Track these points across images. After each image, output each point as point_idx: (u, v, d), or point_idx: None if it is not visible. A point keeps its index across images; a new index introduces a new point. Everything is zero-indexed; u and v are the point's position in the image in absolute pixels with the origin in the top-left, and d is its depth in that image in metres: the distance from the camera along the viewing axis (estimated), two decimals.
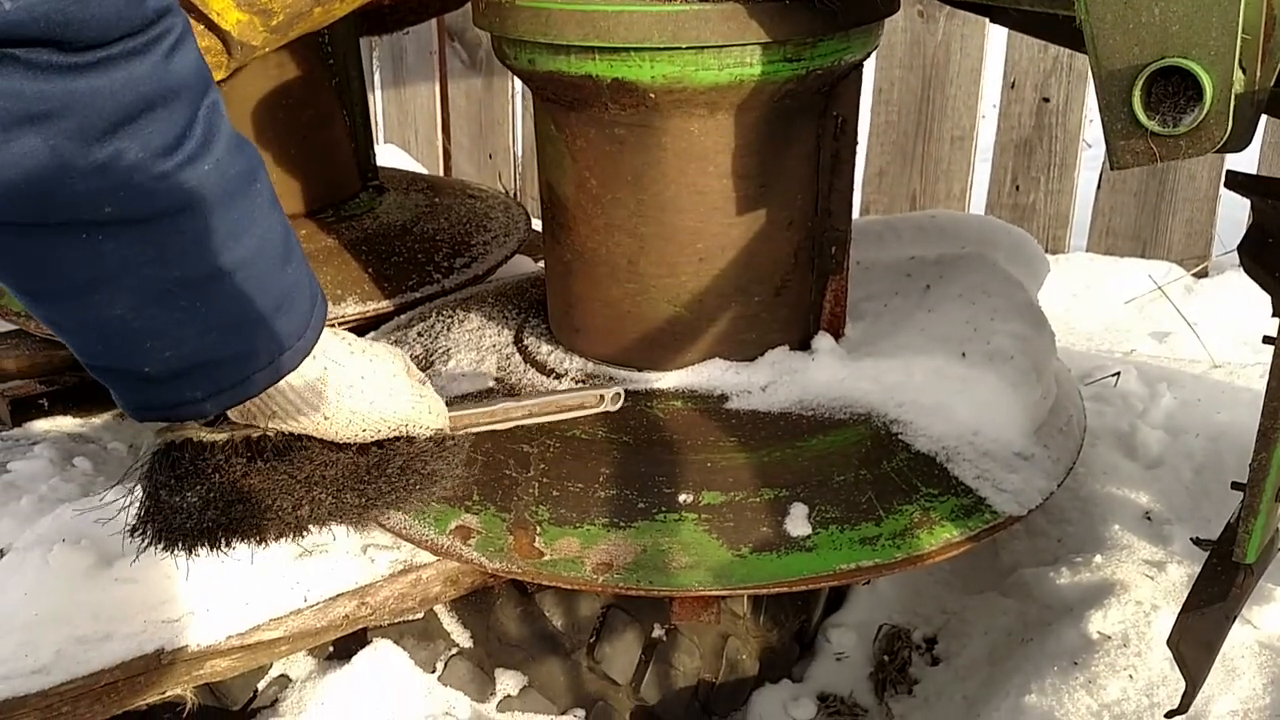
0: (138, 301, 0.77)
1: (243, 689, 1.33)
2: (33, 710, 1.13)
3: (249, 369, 0.84)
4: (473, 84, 3.11)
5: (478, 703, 1.38)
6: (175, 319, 0.79)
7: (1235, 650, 1.26)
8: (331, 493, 0.95)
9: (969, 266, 1.52)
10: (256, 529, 0.93)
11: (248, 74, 1.65)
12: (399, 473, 1.00)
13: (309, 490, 0.94)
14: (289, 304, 0.85)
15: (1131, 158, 0.87)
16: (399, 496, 1.01)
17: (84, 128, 0.69)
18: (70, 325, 0.80)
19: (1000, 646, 1.45)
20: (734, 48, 1.14)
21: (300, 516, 0.94)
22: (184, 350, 0.81)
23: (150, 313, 0.78)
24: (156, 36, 0.71)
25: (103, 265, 0.75)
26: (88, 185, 0.71)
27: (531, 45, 1.21)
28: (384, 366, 0.97)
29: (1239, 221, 2.31)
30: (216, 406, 0.86)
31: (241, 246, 0.80)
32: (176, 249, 0.76)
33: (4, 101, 0.66)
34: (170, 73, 0.72)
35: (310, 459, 0.93)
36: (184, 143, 0.74)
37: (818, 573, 1.16)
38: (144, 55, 0.70)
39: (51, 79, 0.66)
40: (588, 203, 1.31)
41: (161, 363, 0.81)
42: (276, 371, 0.86)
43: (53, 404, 1.88)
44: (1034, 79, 2.50)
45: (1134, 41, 0.84)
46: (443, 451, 1.04)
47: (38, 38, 0.65)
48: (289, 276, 0.85)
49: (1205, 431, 1.63)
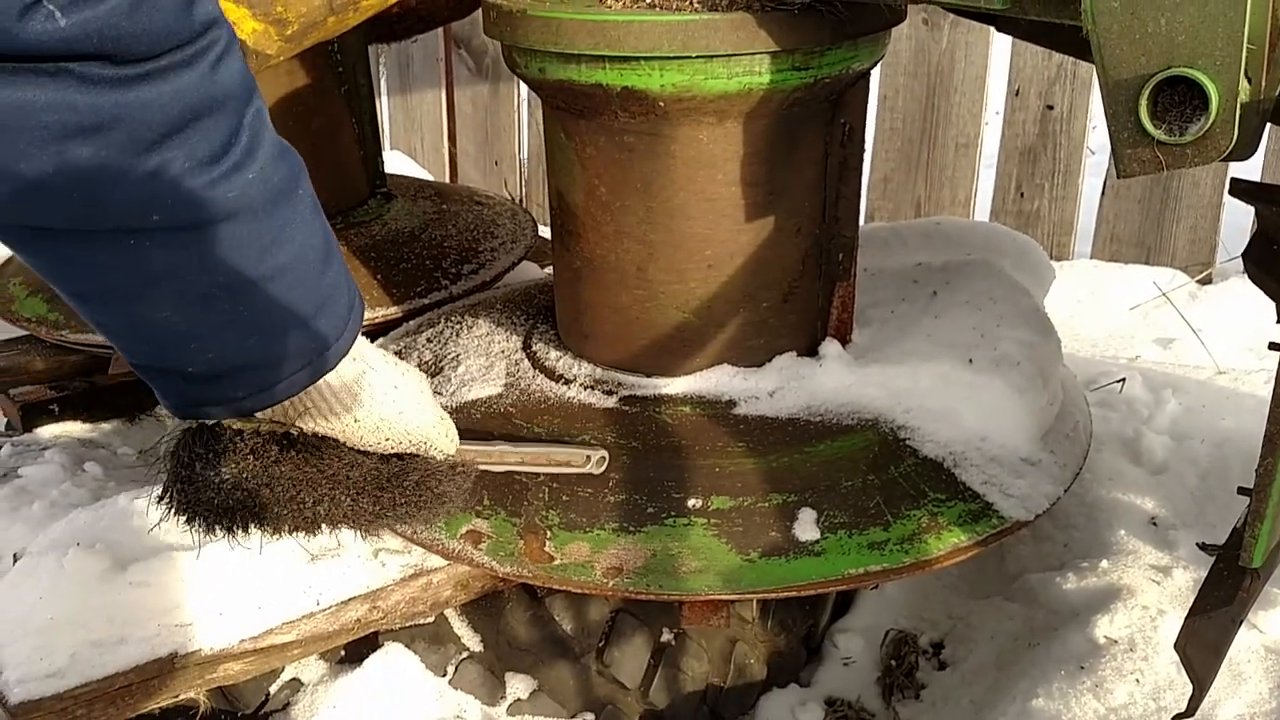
0: (182, 305, 0.79)
1: (255, 692, 1.34)
2: (48, 713, 1.14)
3: (289, 370, 0.86)
4: (479, 91, 3.13)
5: (488, 706, 1.39)
6: (219, 322, 0.81)
7: (1241, 655, 1.26)
8: (351, 495, 0.96)
9: (975, 273, 1.53)
10: (275, 518, 0.95)
11: (259, 82, 1.66)
12: (414, 487, 1.01)
13: (332, 489, 0.95)
14: (329, 307, 0.87)
15: (1138, 166, 0.88)
16: (409, 511, 1.02)
17: (134, 139, 0.70)
18: (116, 327, 0.82)
19: (1007, 651, 1.46)
20: (743, 56, 1.15)
21: (317, 514, 0.96)
22: (227, 352, 0.83)
23: (194, 316, 0.80)
24: (204, 48, 0.73)
25: (149, 271, 0.76)
26: (136, 194, 0.72)
27: (542, 54, 1.22)
28: (414, 382, 0.99)
29: (1243, 228, 2.32)
30: (256, 405, 0.88)
31: (284, 252, 0.81)
32: (221, 256, 0.78)
33: (58, 114, 0.67)
34: (216, 83, 0.74)
35: (339, 458, 0.95)
36: (229, 151, 0.75)
37: (826, 577, 1.17)
38: (191, 67, 0.72)
39: (103, 92, 0.68)
40: (597, 210, 1.32)
41: (205, 364, 0.83)
42: (315, 372, 0.88)
43: (63, 409, 1.89)
44: (1038, 86, 2.51)
45: (1140, 51, 0.85)
46: (455, 475, 1.06)
47: (90, 52, 0.67)
48: (329, 280, 0.87)
49: (1210, 437, 1.64)
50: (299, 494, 0.93)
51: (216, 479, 0.91)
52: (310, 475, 0.93)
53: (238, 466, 0.91)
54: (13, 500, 1.59)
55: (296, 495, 0.93)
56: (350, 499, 0.97)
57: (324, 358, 0.88)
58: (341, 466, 0.95)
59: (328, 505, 0.95)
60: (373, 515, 1.00)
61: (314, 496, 0.94)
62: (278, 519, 0.94)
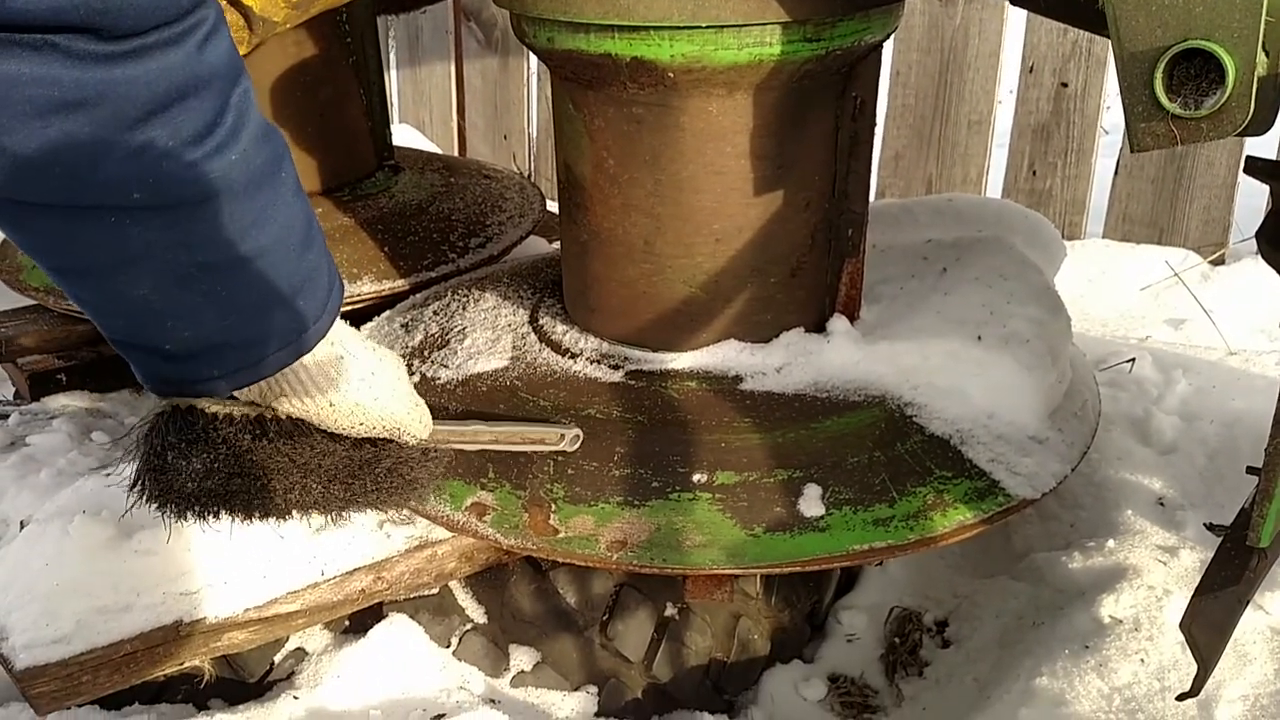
0: (160, 283, 0.79)
1: (260, 661, 1.34)
2: (53, 679, 1.15)
3: (265, 350, 0.86)
4: (488, 64, 3.11)
5: (491, 678, 1.40)
6: (196, 301, 0.81)
7: (1247, 636, 1.26)
8: (322, 483, 0.97)
9: (986, 250, 1.52)
10: (246, 505, 0.95)
11: (266, 52, 1.65)
12: (386, 474, 1.02)
13: (304, 477, 0.95)
14: (308, 288, 0.87)
15: (1152, 140, 0.87)
16: (380, 498, 1.03)
17: (118, 115, 0.70)
18: (94, 302, 0.82)
19: (1011, 630, 1.45)
20: (753, 27, 1.14)
21: (289, 501, 0.96)
22: (203, 331, 0.83)
23: (172, 294, 0.80)
24: (191, 26, 0.72)
25: (128, 248, 0.76)
26: (118, 172, 0.72)
27: (551, 23, 1.21)
28: (390, 367, 0.99)
29: (1257, 209, 2.30)
30: (231, 385, 0.88)
31: (264, 234, 0.81)
32: (201, 235, 0.78)
33: (42, 89, 0.67)
34: (203, 62, 0.73)
35: (311, 446, 0.95)
36: (214, 131, 0.75)
37: (831, 553, 1.17)
38: (178, 45, 0.72)
39: (88, 67, 0.68)
40: (605, 182, 1.31)
41: (181, 341, 0.83)
42: (292, 353, 0.88)
43: (70, 379, 1.89)
44: (1052, 64, 2.49)
45: (1156, 23, 0.84)
46: (426, 461, 1.06)
47: (76, 25, 0.66)
48: (309, 262, 0.86)
49: (1220, 418, 1.63)
50: (270, 482, 0.94)
51: (188, 467, 0.91)
52: (282, 463, 0.94)
53: (210, 455, 0.91)
54: (20, 468, 1.59)
55: (268, 483, 0.94)
56: (321, 486, 0.97)
57: (301, 339, 0.88)
58: (314, 455, 0.95)
59: (299, 492, 0.96)
60: (344, 501, 1.00)
61: (285, 484, 0.94)
62: (249, 506, 0.95)
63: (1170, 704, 1.19)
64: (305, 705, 1.29)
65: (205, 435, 0.90)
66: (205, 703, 1.34)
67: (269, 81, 1.71)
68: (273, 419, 0.93)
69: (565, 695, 1.41)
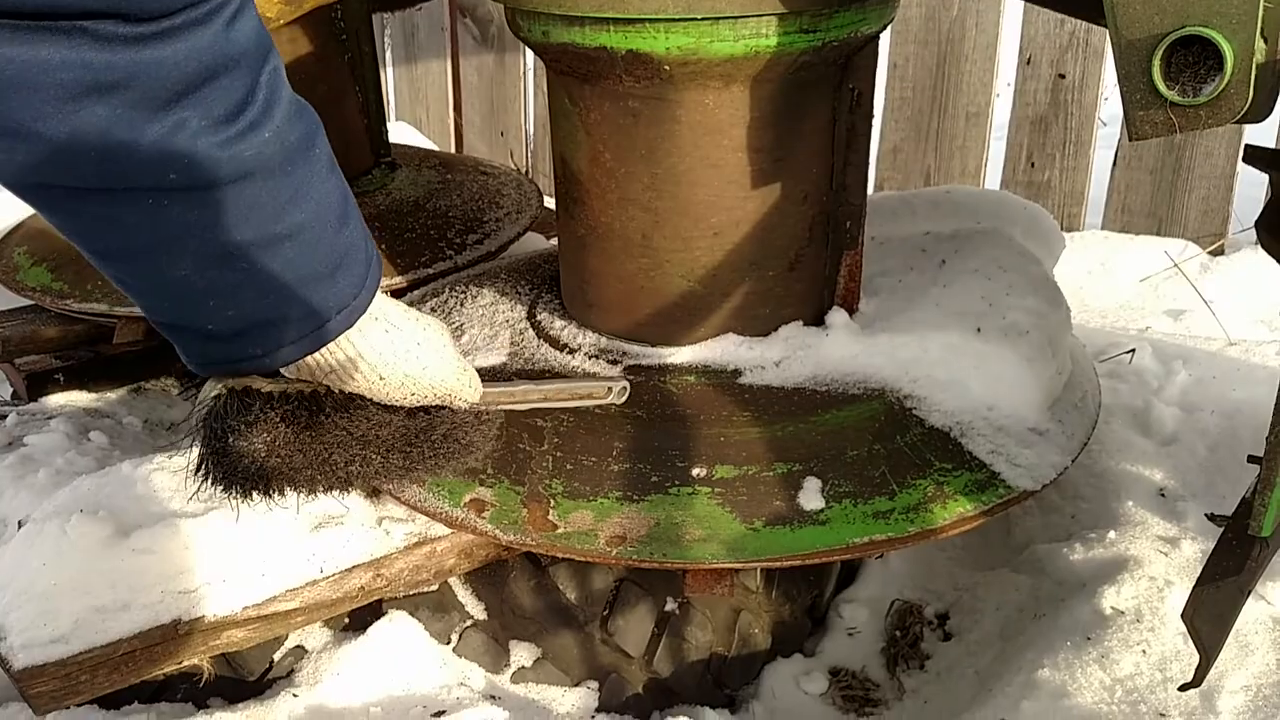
0: (200, 263, 0.79)
1: (259, 659, 1.34)
2: (51, 678, 1.15)
3: (308, 326, 0.87)
4: (484, 61, 3.10)
5: (492, 674, 1.39)
6: (237, 280, 0.81)
7: (1249, 626, 1.26)
8: (381, 453, 0.98)
9: (985, 242, 1.52)
10: (310, 480, 0.96)
11: None
12: (442, 440, 1.02)
13: (363, 448, 0.96)
14: (347, 264, 0.87)
15: (1150, 128, 0.87)
16: (438, 463, 1.03)
17: (148, 97, 0.70)
18: (136, 284, 0.82)
19: (1012, 622, 1.45)
20: (749, 19, 1.14)
21: (350, 473, 0.97)
22: (246, 309, 0.83)
23: (212, 274, 0.80)
24: (218, 6, 0.72)
25: (166, 229, 0.77)
26: (151, 154, 0.72)
27: (546, 17, 1.20)
28: (435, 335, 0.99)
29: (1256, 199, 2.29)
30: (276, 362, 0.88)
31: (301, 211, 0.81)
32: (238, 214, 0.78)
33: (73, 72, 0.67)
34: (231, 41, 0.73)
35: (367, 418, 0.96)
36: (245, 110, 0.75)
37: (831, 546, 1.17)
38: (206, 25, 0.72)
39: (117, 50, 0.68)
40: (602, 177, 1.30)
41: (224, 321, 0.84)
42: (335, 329, 0.88)
43: (68, 379, 1.89)
44: (1050, 55, 2.48)
45: (1154, 10, 0.83)
46: (480, 424, 1.07)
47: (105, 9, 0.67)
48: (346, 237, 0.87)
49: (1220, 408, 1.63)
50: (331, 456, 0.95)
51: (250, 448, 0.91)
52: (340, 437, 0.95)
53: (269, 435, 0.91)
54: (18, 468, 1.59)
55: (329, 458, 0.95)
56: (380, 456, 0.98)
57: (344, 315, 0.88)
58: (370, 426, 0.96)
59: (359, 465, 0.97)
60: (403, 469, 1.01)
61: (346, 457, 0.96)
62: (312, 481, 0.96)
63: (1172, 694, 1.19)
64: (305, 703, 1.28)
65: (263, 415, 0.91)
66: (205, 701, 1.33)
67: None
68: (326, 394, 0.94)
69: (566, 691, 1.40)
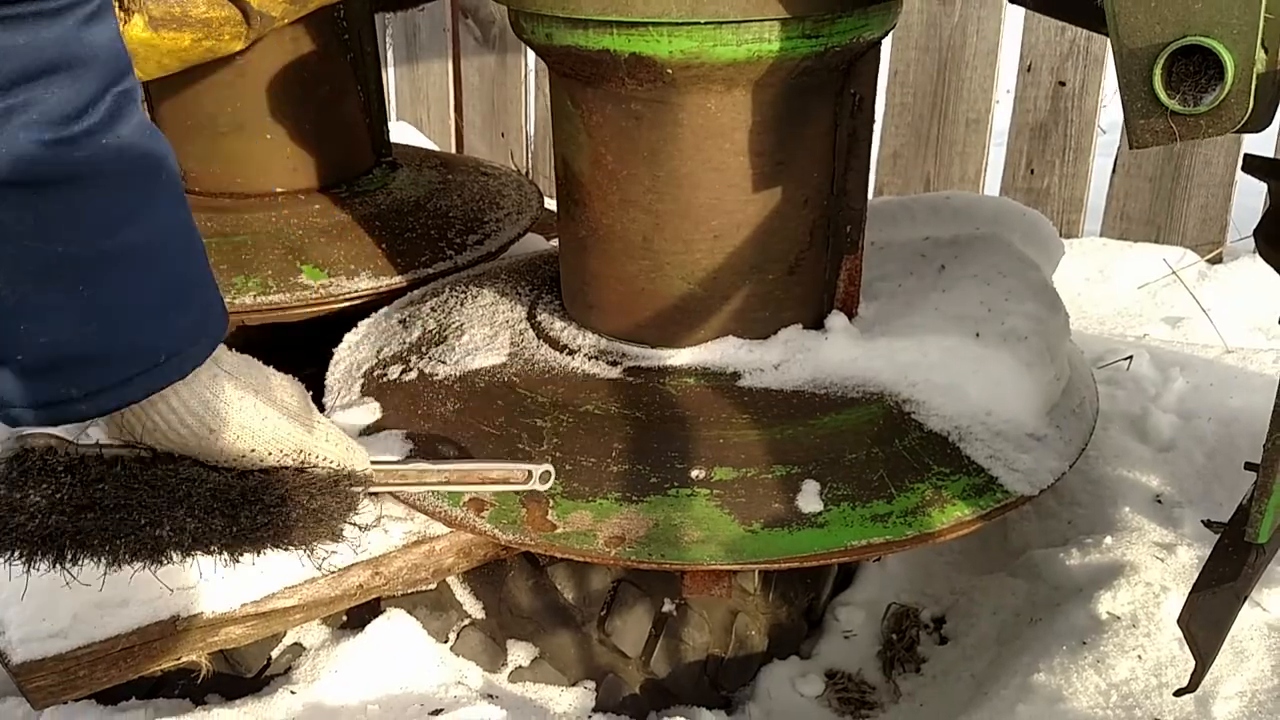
0: (13, 275, 0.73)
1: (257, 656, 1.34)
2: (50, 673, 1.15)
3: (131, 369, 0.78)
4: (486, 62, 3.11)
5: (489, 673, 1.40)
6: (54, 300, 0.74)
7: (1244, 632, 1.26)
8: (197, 515, 0.86)
9: (984, 247, 1.52)
10: (107, 543, 0.84)
11: (264, 48, 1.65)
12: (278, 502, 0.90)
13: (171, 508, 0.85)
14: (183, 305, 0.80)
15: (1151, 137, 0.87)
16: (278, 531, 0.91)
17: None
18: None
19: (1009, 626, 1.46)
20: (753, 23, 1.14)
21: (159, 537, 0.85)
22: (61, 337, 0.75)
23: (28, 289, 0.73)
24: (71, 3, 0.70)
25: None
26: None
27: (549, 19, 1.21)
28: (283, 384, 0.92)
29: (1254, 208, 2.30)
30: (92, 409, 0.79)
31: (135, 232, 0.76)
32: (62, 222, 0.72)
33: None
34: (82, 43, 0.70)
35: (175, 472, 0.85)
36: (85, 115, 0.71)
37: (829, 549, 1.17)
38: (55, 19, 0.69)
39: None
40: (603, 179, 1.31)
41: (36, 350, 0.75)
42: (162, 376, 0.80)
43: None
44: (1050, 62, 2.49)
45: (1155, 20, 0.84)
46: (336, 489, 0.94)
47: None
48: (187, 276, 0.80)
49: (1217, 416, 1.63)
50: (131, 515, 0.84)
51: (25, 502, 0.81)
52: (141, 493, 0.83)
53: (50, 487, 0.81)
54: None
55: (129, 517, 0.84)
56: (196, 520, 0.86)
57: (174, 361, 0.80)
58: (181, 482, 0.85)
59: (169, 528, 0.85)
60: (231, 538, 0.88)
61: (150, 518, 0.84)
62: (111, 545, 0.84)
63: (1168, 700, 1.20)
64: (303, 700, 1.29)
65: (45, 465, 0.81)
66: (202, 698, 1.33)
67: (266, 78, 1.71)
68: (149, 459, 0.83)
69: (563, 690, 1.41)
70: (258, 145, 1.75)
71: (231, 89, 1.70)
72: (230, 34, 1.41)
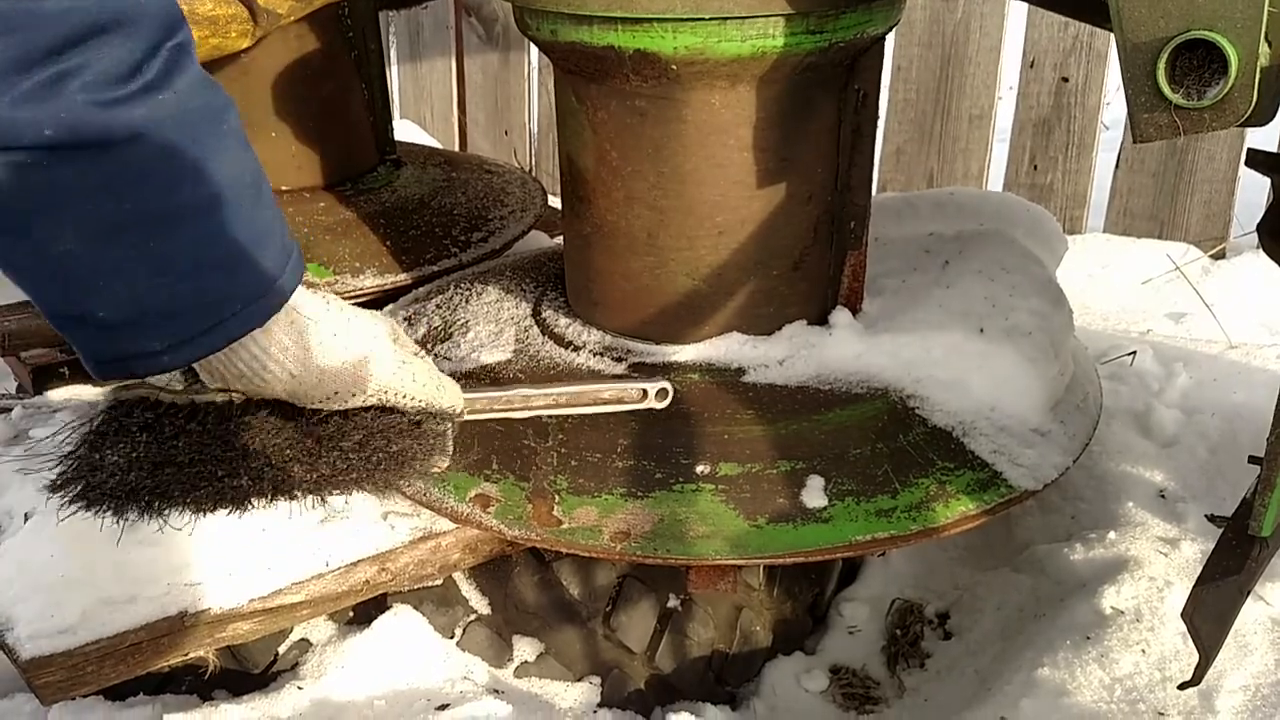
0: (87, 235, 0.73)
1: (264, 652, 1.35)
2: (59, 669, 1.15)
3: (210, 319, 0.78)
4: (489, 60, 3.11)
5: (495, 668, 1.40)
6: (127, 256, 0.74)
7: (1248, 626, 1.26)
8: (275, 465, 0.87)
9: (988, 243, 1.52)
10: (188, 495, 0.86)
11: (268, 46, 1.65)
12: (356, 448, 0.90)
13: (247, 459, 0.86)
14: (257, 252, 0.79)
15: (1155, 131, 0.87)
16: (359, 475, 0.91)
17: (27, 45, 0.66)
18: (20, 264, 0.75)
19: (1013, 621, 1.46)
20: (757, 19, 1.14)
21: (238, 487, 0.87)
22: (138, 293, 0.75)
23: (99, 249, 0.73)
24: None
25: (46, 193, 0.71)
26: (28, 106, 0.68)
27: (554, 16, 1.21)
28: (364, 326, 0.90)
29: (1257, 204, 2.30)
30: (176, 360, 0.79)
31: (204, 184, 0.76)
32: (126, 180, 0.72)
33: None
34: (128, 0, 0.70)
35: (249, 425, 0.85)
36: (139, 74, 0.71)
37: (833, 544, 1.17)
38: None
39: None
40: (608, 175, 1.31)
41: (115, 306, 0.76)
42: (241, 324, 0.80)
43: (73, 372, 1.89)
44: (1053, 58, 2.49)
45: (1159, 14, 0.84)
46: (418, 431, 0.94)
47: None
48: (259, 222, 0.80)
49: (1221, 411, 1.64)
50: (208, 468, 0.85)
51: (104, 461, 0.82)
52: (215, 447, 0.84)
53: (127, 445, 0.83)
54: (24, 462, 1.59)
55: (206, 470, 0.85)
56: (275, 468, 0.87)
57: (253, 307, 0.79)
58: (255, 434, 0.85)
59: (248, 478, 0.86)
60: (311, 483, 0.89)
61: (227, 469, 0.85)
62: (192, 497, 0.86)
63: (1171, 694, 1.20)
64: (309, 696, 1.29)
65: (122, 425, 0.82)
66: (210, 693, 1.34)
67: (271, 76, 1.71)
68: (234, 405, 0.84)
69: (568, 686, 1.41)
70: (262, 143, 1.75)
71: (236, 87, 1.70)
72: (237, 31, 1.42)
